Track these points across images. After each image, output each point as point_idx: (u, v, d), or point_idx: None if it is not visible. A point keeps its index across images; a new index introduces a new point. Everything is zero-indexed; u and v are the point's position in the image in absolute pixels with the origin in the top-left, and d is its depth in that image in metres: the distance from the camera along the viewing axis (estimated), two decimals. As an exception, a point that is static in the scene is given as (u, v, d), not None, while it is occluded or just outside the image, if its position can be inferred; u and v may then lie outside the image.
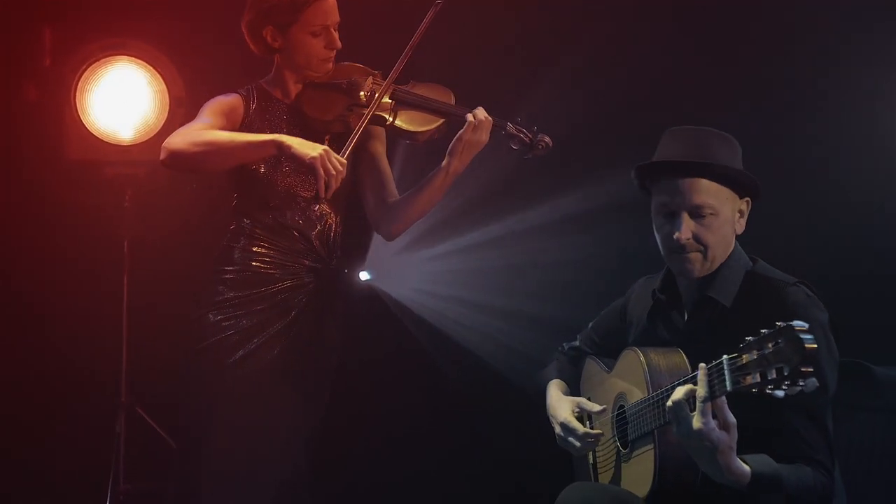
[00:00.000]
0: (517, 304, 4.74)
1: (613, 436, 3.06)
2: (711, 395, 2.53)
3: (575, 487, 2.96)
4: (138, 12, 4.70)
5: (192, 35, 4.72)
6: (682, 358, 2.88)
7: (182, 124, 4.58)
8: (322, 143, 3.34)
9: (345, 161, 3.23)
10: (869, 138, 4.37)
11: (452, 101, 3.42)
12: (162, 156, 3.31)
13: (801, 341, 2.34)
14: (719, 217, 2.85)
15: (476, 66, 4.36)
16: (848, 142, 4.36)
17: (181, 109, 4.67)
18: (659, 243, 2.96)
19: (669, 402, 2.61)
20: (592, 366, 3.27)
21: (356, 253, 4.58)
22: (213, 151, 3.24)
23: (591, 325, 3.37)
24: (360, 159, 3.49)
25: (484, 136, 3.35)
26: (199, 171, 3.36)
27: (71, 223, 4.76)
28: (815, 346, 2.35)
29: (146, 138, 4.67)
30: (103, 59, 4.65)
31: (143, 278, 4.72)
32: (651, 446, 2.84)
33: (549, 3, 4.60)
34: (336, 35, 3.37)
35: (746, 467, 2.58)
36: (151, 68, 4.67)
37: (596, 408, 3.08)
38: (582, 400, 3.15)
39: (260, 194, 3.39)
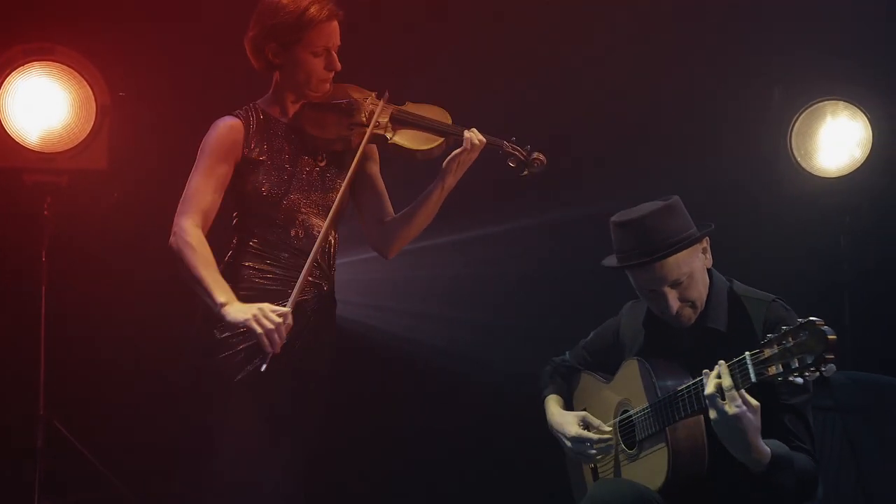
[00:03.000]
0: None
1: (617, 439, 3.34)
2: (737, 386, 2.90)
3: (605, 483, 3.26)
4: (65, 17, 4.60)
5: (120, 42, 4.67)
6: (683, 367, 3.19)
7: (108, 132, 4.64)
8: (318, 162, 3.46)
9: (284, 311, 3.24)
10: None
11: (449, 121, 3.53)
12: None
13: (824, 333, 2.75)
14: (694, 275, 3.19)
15: (470, 87, 4.51)
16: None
17: (107, 118, 4.61)
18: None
19: (706, 393, 2.92)
20: (588, 379, 3.56)
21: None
22: (183, 270, 3.28)
23: (581, 343, 3.64)
24: (357, 180, 3.56)
25: (476, 155, 3.54)
26: None
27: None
28: (835, 336, 2.75)
29: (70, 146, 4.59)
30: (27, 65, 4.54)
31: (63, 288, 4.61)
32: (662, 443, 3.15)
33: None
34: (336, 57, 3.47)
35: (767, 448, 2.96)
36: (77, 75, 4.59)
37: (604, 427, 3.35)
38: (585, 414, 3.42)
39: (264, 213, 3.41)
